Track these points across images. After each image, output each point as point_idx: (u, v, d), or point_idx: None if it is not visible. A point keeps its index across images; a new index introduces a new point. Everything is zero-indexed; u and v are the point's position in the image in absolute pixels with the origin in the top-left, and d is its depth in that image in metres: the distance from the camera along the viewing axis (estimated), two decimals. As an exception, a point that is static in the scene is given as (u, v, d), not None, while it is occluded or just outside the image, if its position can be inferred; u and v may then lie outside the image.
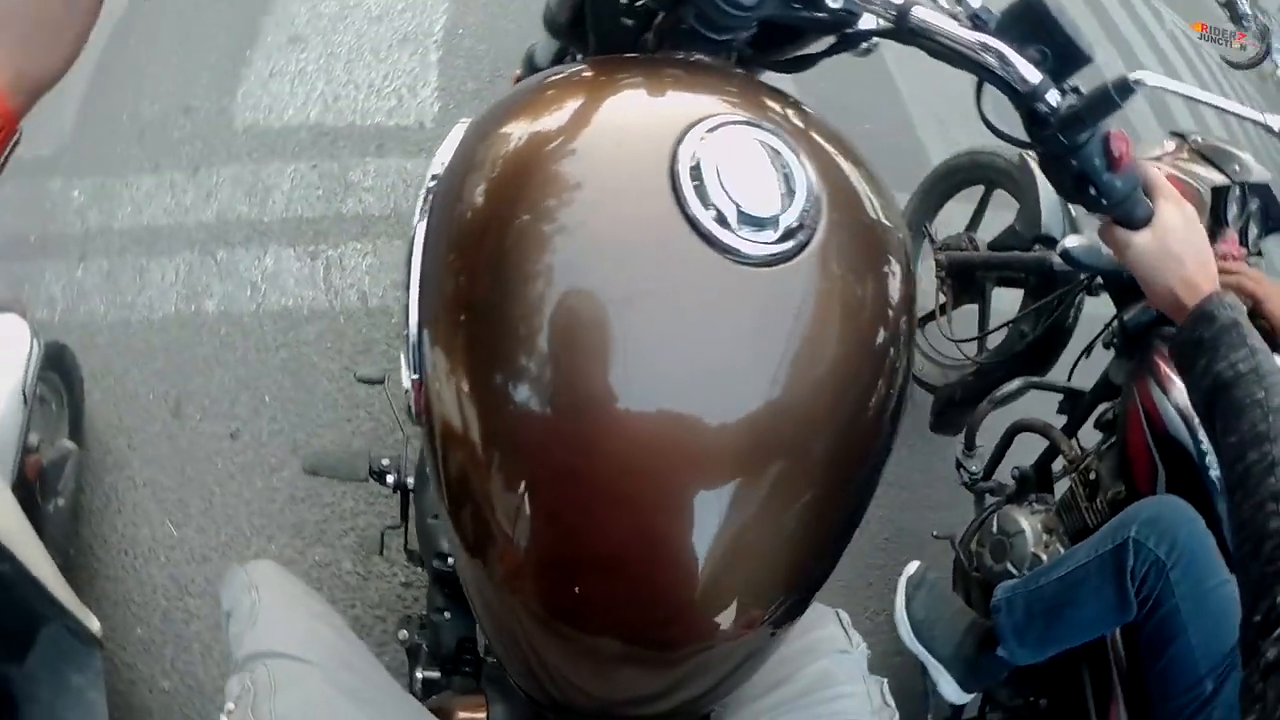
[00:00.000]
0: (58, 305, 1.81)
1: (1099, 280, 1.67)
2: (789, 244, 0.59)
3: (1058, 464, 1.72)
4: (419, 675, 1.10)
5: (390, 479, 1.29)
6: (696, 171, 0.58)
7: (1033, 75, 0.75)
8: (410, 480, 1.29)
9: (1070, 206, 1.88)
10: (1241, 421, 0.70)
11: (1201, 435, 1.29)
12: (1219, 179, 1.52)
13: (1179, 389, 1.33)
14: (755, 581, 0.64)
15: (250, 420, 1.74)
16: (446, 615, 1.13)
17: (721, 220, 0.58)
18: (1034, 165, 1.91)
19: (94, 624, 1.28)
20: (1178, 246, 0.80)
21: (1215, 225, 1.52)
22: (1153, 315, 1.43)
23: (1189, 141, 1.60)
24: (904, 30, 0.75)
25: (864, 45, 0.89)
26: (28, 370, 1.31)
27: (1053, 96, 0.75)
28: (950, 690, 1.53)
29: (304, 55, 2.29)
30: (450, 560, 1.09)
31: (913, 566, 1.68)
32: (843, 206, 0.65)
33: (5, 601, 1.05)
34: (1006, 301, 2.03)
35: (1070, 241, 1.56)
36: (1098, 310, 1.72)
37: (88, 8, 0.54)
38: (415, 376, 0.67)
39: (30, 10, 0.51)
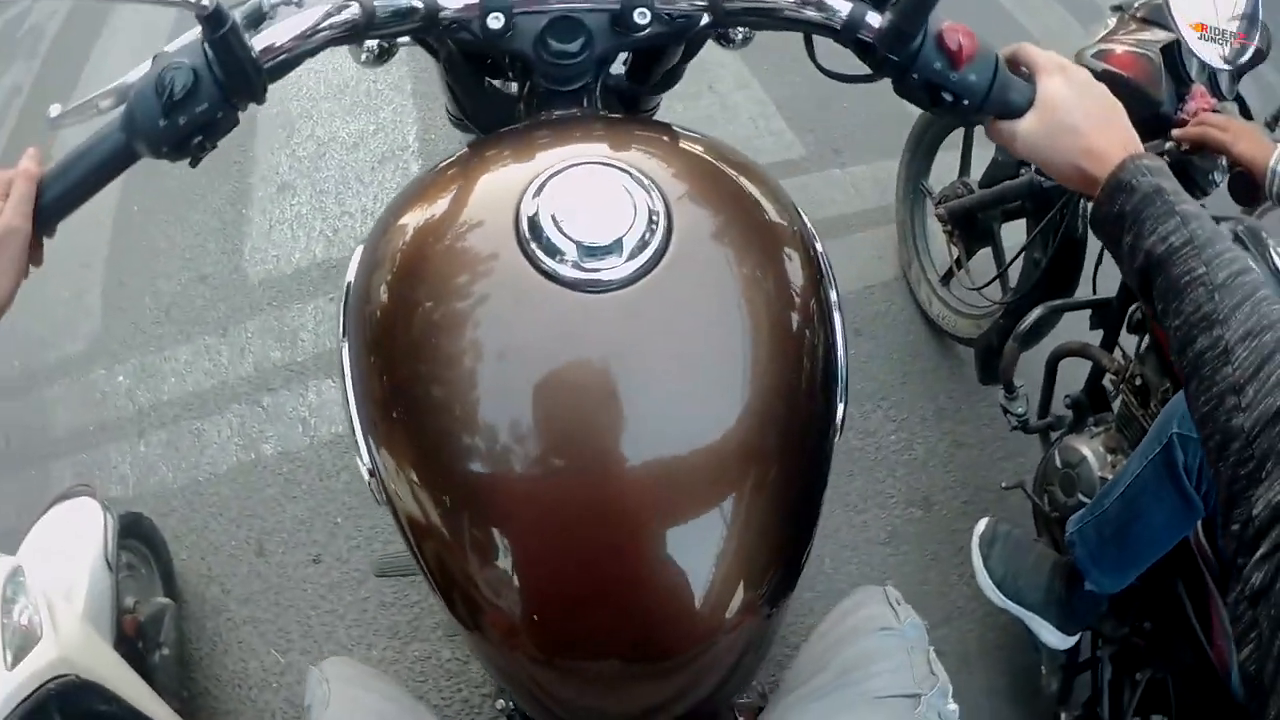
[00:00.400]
0: (130, 481, 1.94)
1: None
2: (642, 258, 0.61)
3: (1107, 380, 1.66)
4: None
5: None
6: (535, 226, 0.61)
7: (843, 7, 0.73)
8: None
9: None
10: (1183, 302, 0.62)
11: None
12: (1165, 36, 1.42)
13: None
14: (738, 571, 0.65)
15: (329, 543, 1.84)
16: None
17: (574, 263, 0.61)
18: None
19: (213, 753, 1.37)
20: (1070, 117, 0.71)
21: (1178, 84, 1.42)
22: None
23: (1129, 12, 1.51)
24: (722, 15, 0.75)
25: (740, 37, 0.92)
26: (106, 541, 1.44)
27: (872, 19, 0.72)
28: (1053, 637, 1.46)
29: (296, 200, 2.43)
30: None
31: (981, 525, 1.61)
32: (707, 209, 0.67)
33: (118, 741, 1.15)
34: (1019, 236, 1.97)
35: (1040, 154, 1.52)
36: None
37: (17, 251, 0.65)
38: (370, 467, 0.69)
39: None
